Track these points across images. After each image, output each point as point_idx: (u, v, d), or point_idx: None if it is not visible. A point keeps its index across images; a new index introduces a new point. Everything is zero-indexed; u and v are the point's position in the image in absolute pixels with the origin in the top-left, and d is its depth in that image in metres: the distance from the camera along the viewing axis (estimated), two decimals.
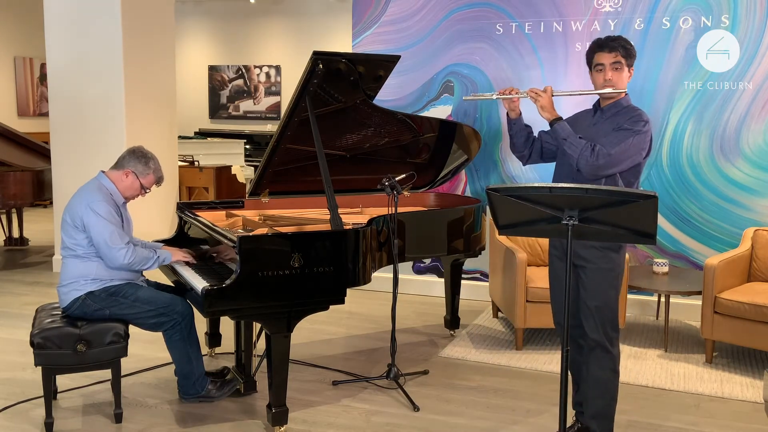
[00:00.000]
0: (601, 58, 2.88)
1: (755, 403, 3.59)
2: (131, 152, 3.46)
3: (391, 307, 3.70)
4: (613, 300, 2.87)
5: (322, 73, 3.37)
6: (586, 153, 2.78)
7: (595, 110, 3.00)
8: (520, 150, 3.15)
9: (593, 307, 2.86)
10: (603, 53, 2.88)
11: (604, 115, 2.93)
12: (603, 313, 2.86)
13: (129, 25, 5.94)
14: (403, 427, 3.31)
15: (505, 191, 2.28)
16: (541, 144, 3.13)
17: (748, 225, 4.64)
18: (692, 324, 4.85)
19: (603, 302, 2.86)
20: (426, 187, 4.53)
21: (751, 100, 4.68)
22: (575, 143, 2.82)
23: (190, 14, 12.13)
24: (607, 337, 2.87)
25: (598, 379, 2.91)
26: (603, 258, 2.84)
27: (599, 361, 2.90)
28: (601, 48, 2.89)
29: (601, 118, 2.94)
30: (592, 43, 2.95)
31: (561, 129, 2.87)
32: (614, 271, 2.87)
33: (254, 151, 10.64)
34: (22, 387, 3.69)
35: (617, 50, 2.86)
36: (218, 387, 3.53)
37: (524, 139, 3.12)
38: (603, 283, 2.86)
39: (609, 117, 2.91)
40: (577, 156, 2.80)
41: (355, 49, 5.49)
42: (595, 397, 2.92)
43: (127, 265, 3.29)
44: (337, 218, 3.24)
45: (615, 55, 2.86)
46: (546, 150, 3.13)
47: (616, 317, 2.89)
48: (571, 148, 2.82)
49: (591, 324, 2.87)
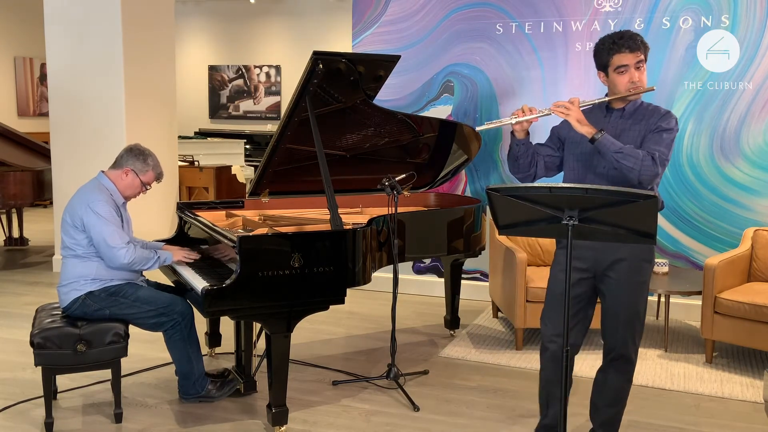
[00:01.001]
0: (624, 59, 2.67)
1: (755, 403, 3.59)
2: (128, 150, 3.45)
3: (391, 307, 3.70)
4: (643, 311, 2.77)
5: (322, 73, 3.37)
6: (647, 163, 2.58)
7: (606, 111, 2.80)
8: (526, 170, 2.87)
9: (624, 320, 2.72)
10: (624, 54, 2.67)
11: (626, 116, 2.75)
12: (634, 326, 2.74)
13: (129, 25, 5.94)
14: (403, 427, 3.31)
15: (505, 191, 2.28)
16: (543, 159, 2.89)
17: (748, 225, 4.64)
18: (692, 324, 4.85)
19: (635, 314, 2.73)
20: (426, 187, 4.53)
21: (751, 100, 4.68)
22: (632, 154, 2.58)
23: (190, 14, 12.14)
24: (634, 349, 2.77)
25: (616, 389, 2.82)
26: (638, 270, 2.70)
27: (619, 372, 2.80)
28: (619, 48, 2.68)
29: (620, 119, 2.75)
30: (606, 42, 2.73)
31: (609, 142, 2.61)
32: (647, 282, 2.75)
33: (254, 151, 10.64)
34: (22, 387, 3.69)
35: (639, 49, 2.68)
36: (218, 387, 3.53)
37: (530, 158, 2.85)
38: (635, 296, 2.72)
39: (631, 117, 2.74)
40: (639, 167, 2.57)
41: (355, 49, 5.49)
42: (609, 405, 2.85)
43: (127, 264, 3.29)
44: (337, 218, 3.24)
45: (637, 54, 2.68)
46: (549, 164, 2.91)
47: (643, 327, 2.79)
48: (629, 160, 2.58)
49: (620, 338, 2.74)
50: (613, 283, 2.72)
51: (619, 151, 2.60)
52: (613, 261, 2.70)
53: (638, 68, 2.69)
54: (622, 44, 2.68)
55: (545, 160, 2.90)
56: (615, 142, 2.62)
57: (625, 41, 2.68)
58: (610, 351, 2.80)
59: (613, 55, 2.70)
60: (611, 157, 2.61)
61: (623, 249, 2.67)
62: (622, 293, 2.71)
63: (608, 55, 2.71)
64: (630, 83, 2.69)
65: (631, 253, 2.68)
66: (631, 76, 2.68)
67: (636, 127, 2.72)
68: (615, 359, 2.79)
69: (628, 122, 2.74)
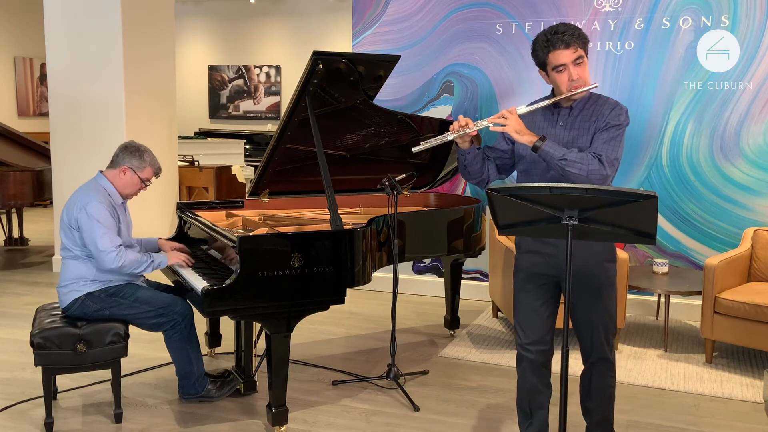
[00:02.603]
0: (561, 57, 2.52)
1: (755, 403, 3.59)
2: (123, 149, 3.44)
3: (391, 307, 3.70)
4: (614, 310, 2.74)
5: (322, 73, 3.37)
6: (594, 166, 2.48)
7: (553, 110, 2.67)
8: (478, 176, 2.75)
9: (597, 325, 2.68)
10: (560, 51, 2.52)
11: (574, 113, 2.62)
12: (608, 328, 2.71)
13: (129, 25, 5.94)
14: (403, 427, 3.31)
15: (505, 191, 2.28)
16: (494, 162, 2.78)
17: (748, 225, 4.64)
18: (692, 324, 4.85)
19: (608, 316, 2.70)
20: (426, 187, 4.53)
21: (751, 100, 4.68)
22: (577, 159, 2.48)
23: (190, 14, 12.14)
24: (609, 348, 2.75)
25: (602, 389, 2.80)
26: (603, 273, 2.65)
27: (601, 373, 2.77)
28: (554, 45, 2.52)
29: (569, 118, 2.63)
30: (540, 40, 2.57)
31: (552, 149, 2.51)
32: (614, 282, 2.71)
33: (254, 151, 10.64)
34: (22, 387, 3.69)
35: (575, 43, 2.52)
36: (218, 387, 3.53)
37: (479, 164, 2.73)
38: (605, 299, 2.68)
39: (580, 114, 2.61)
40: (586, 172, 2.47)
41: (355, 49, 5.49)
42: (598, 406, 2.83)
43: (117, 269, 3.26)
44: (337, 218, 3.24)
45: (574, 49, 2.52)
46: (501, 166, 2.79)
47: (616, 326, 2.77)
48: (574, 166, 2.48)
49: (597, 341, 2.70)
50: (583, 288, 2.63)
51: (562, 158, 2.49)
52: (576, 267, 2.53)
53: (578, 64, 2.54)
54: (555, 41, 2.51)
55: (497, 163, 2.79)
56: (558, 149, 2.51)
57: (558, 37, 2.51)
58: (587, 355, 2.77)
59: (548, 53, 2.54)
60: (555, 165, 2.51)
61: (584, 254, 2.57)
62: (592, 299, 2.65)
63: (543, 53, 2.56)
64: (570, 82, 2.55)
65: (593, 256, 2.61)
66: (570, 74, 2.54)
67: (585, 123, 2.60)
68: (594, 362, 2.76)
69: (579, 119, 2.62)
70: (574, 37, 2.52)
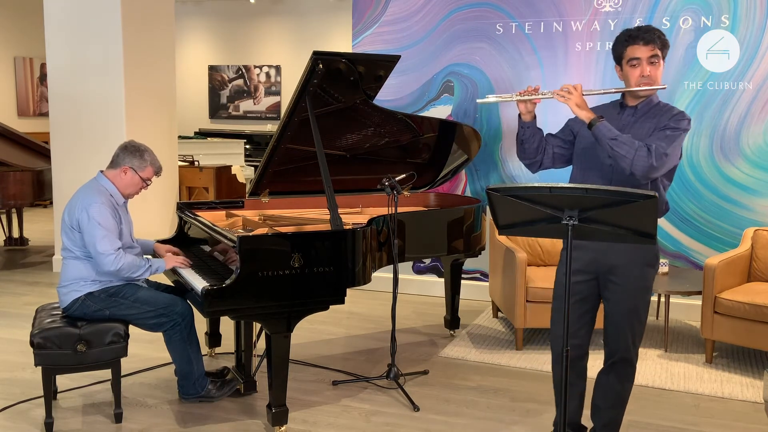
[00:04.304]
0: (637, 52, 2.61)
1: (755, 403, 3.59)
2: (123, 148, 3.43)
3: (391, 307, 3.70)
4: (645, 314, 2.74)
5: (322, 73, 3.37)
6: (642, 153, 2.51)
7: (620, 108, 2.76)
8: (532, 156, 2.85)
9: (627, 325, 2.70)
10: (638, 46, 2.61)
11: (638, 114, 2.70)
12: (635, 330, 2.72)
13: (129, 25, 5.94)
14: (403, 427, 3.31)
15: (505, 191, 2.28)
16: (552, 149, 2.86)
17: (748, 225, 4.64)
18: (692, 324, 4.85)
19: (637, 319, 2.71)
20: (426, 187, 4.53)
21: (751, 100, 4.68)
22: (627, 142, 2.53)
23: (190, 14, 12.14)
24: (635, 352, 2.76)
25: (618, 391, 2.81)
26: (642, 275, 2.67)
27: (621, 375, 2.78)
28: (634, 40, 2.62)
29: (633, 117, 2.70)
30: (622, 34, 2.68)
31: (606, 128, 2.57)
32: (650, 287, 2.73)
33: (254, 151, 10.64)
34: (22, 387, 3.69)
35: (654, 42, 2.60)
36: (218, 387, 3.53)
37: (537, 143, 2.82)
38: (638, 300, 2.69)
39: (644, 115, 2.68)
40: (632, 156, 2.52)
41: (355, 49, 5.49)
42: (611, 407, 2.84)
43: (114, 272, 3.26)
44: (337, 218, 3.24)
45: (652, 47, 2.60)
46: (557, 155, 2.87)
47: (644, 330, 2.78)
48: (622, 148, 2.53)
49: (623, 342, 2.72)
50: (617, 288, 2.68)
51: (614, 138, 2.55)
52: (615, 265, 2.66)
53: (652, 63, 2.63)
54: (636, 36, 2.62)
55: (554, 150, 2.86)
56: (612, 130, 2.58)
57: (640, 33, 2.62)
58: (612, 354, 2.79)
59: (627, 46, 2.64)
60: (606, 143, 2.57)
61: (625, 253, 2.63)
62: (626, 299, 2.68)
63: (623, 46, 2.66)
64: (641, 77, 2.63)
65: (634, 257, 2.65)
66: (642, 70, 2.62)
67: (647, 124, 2.66)
68: (616, 362, 2.78)
69: (642, 120, 2.68)
70: (655, 36, 2.62)
